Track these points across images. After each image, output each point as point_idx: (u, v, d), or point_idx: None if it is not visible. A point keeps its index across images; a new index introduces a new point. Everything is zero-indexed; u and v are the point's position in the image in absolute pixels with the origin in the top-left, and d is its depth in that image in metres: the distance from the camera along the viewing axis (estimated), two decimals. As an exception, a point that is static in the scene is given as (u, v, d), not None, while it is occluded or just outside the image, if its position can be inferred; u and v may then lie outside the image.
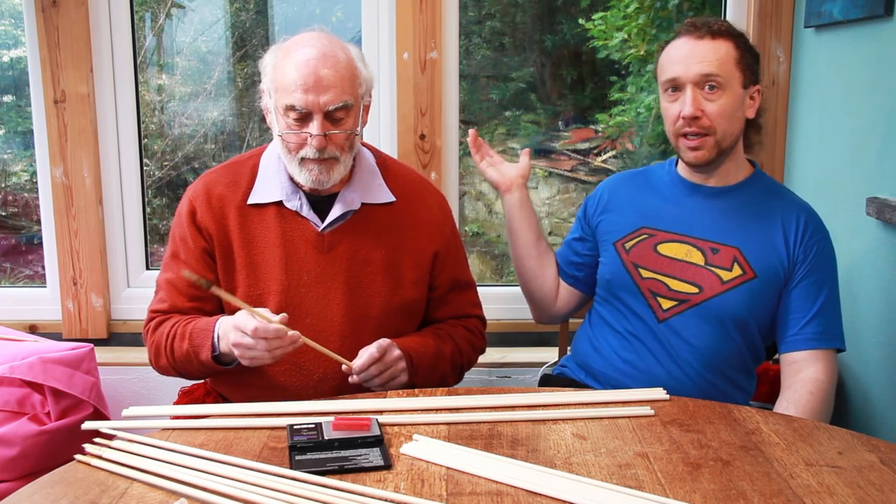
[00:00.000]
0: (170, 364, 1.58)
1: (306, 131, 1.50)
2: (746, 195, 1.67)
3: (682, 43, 1.61)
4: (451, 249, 1.70)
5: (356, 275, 1.60)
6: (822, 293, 1.61)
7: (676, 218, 1.68)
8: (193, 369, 1.56)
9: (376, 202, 1.63)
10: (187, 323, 1.55)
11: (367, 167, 1.66)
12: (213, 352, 1.49)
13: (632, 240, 1.70)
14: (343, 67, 1.51)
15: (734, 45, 1.60)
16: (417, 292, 1.65)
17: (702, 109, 1.58)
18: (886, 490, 1.11)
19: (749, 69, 1.61)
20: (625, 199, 1.76)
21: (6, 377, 1.93)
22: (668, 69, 1.62)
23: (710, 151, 1.61)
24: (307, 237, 1.59)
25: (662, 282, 1.64)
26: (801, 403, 1.53)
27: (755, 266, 1.61)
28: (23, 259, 2.66)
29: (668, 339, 1.63)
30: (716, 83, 1.57)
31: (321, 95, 1.48)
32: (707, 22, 1.62)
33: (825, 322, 1.60)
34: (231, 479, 1.11)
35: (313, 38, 1.54)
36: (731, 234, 1.64)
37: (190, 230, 1.60)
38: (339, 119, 1.52)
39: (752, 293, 1.60)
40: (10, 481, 1.88)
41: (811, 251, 1.62)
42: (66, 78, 2.26)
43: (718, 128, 1.59)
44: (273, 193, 1.60)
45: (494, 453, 1.21)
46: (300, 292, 1.58)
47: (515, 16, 2.70)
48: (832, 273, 1.64)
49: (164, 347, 1.57)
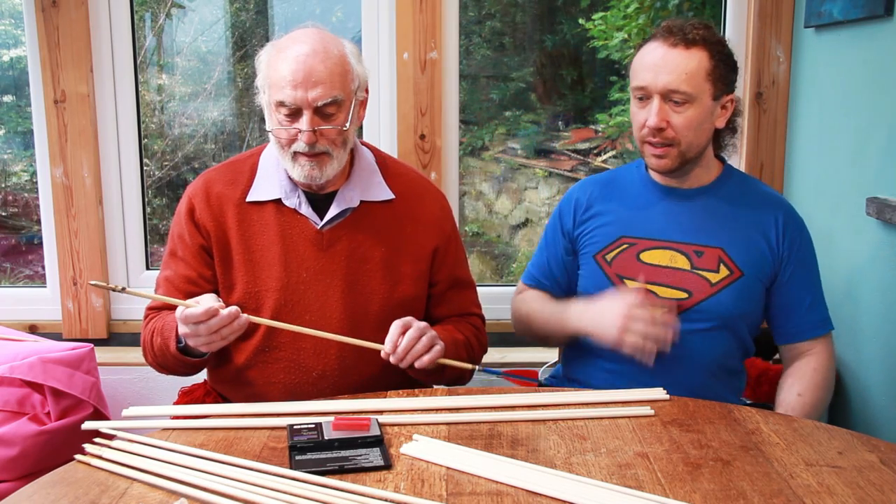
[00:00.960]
0: (153, 359, 1.60)
1: (296, 127, 1.51)
2: (722, 193, 1.66)
3: (654, 48, 1.57)
4: (450, 247, 1.70)
5: (355, 272, 1.60)
6: (813, 282, 1.66)
7: (655, 224, 1.66)
8: (170, 363, 1.57)
9: (375, 200, 1.63)
10: (163, 318, 1.57)
11: (367, 165, 1.66)
12: (179, 343, 1.51)
13: (612, 251, 1.67)
14: (334, 63, 1.51)
15: (708, 54, 1.55)
16: (417, 289, 1.65)
17: (667, 121, 1.55)
18: (886, 490, 1.11)
19: (721, 80, 1.57)
20: (599, 209, 1.71)
21: (6, 377, 1.93)
22: (638, 76, 1.58)
23: (673, 161, 1.59)
24: (306, 234, 1.59)
25: (651, 291, 1.62)
26: (806, 380, 1.62)
27: (740, 264, 1.61)
28: (23, 259, 2.66)
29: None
30: (683, 97, 1.54)
31: (310, 91, 1.48)
32: (683, 27, 1.56)
33: (821, 309, 1.67)
34: (231, 479, 1.11)
35: (306, 35, 1.54)
36: (712, 234, 1.63)
37: (188, 227, 1.60)
38: (330, 114, 1.52)
39: (740, 292, 1.60)
40: (10, 481, 1.88)
41: (795, 244, 1.64)
42: (66, 78, 2.26)
43: (683, 140, 1.57)
44: (272, 191, 1.60)
45: (494, 453, 1.21)
46: (299, 289, 1.58)
47: (515, 16, 2.70)
48: (815, 260, 1.68)
49: (148, 343, 1.59)
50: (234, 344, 1.62)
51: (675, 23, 1.58)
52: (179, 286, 1.59)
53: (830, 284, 2.08)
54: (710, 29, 1.58)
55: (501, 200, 2.88)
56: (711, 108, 1.58)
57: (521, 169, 2.85)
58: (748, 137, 2.33)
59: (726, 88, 1.59)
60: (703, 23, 1.59)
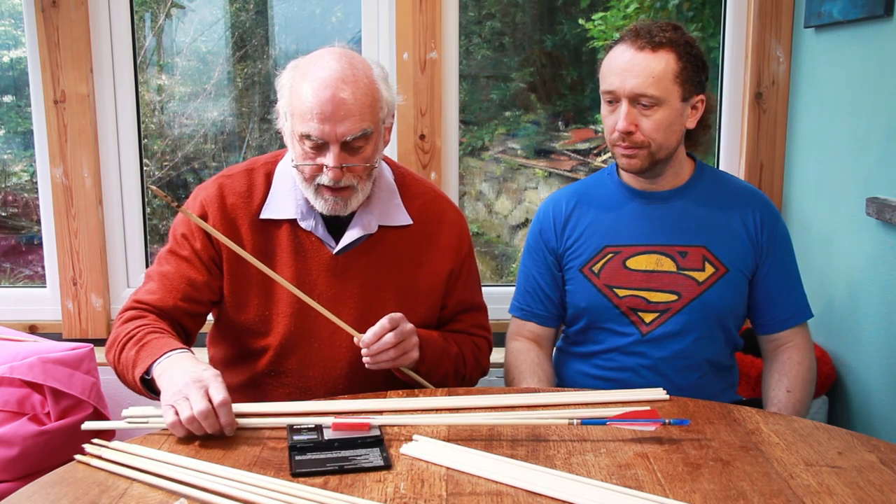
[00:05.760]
0: (114, 361, 1.46)
1: (322, 161, 1.43)
2: (697, 192, 1.67)
3: (622, 52, 1.56)
4: (464, 269, 1.65)
5: (368, 300, 1.55)
6: (792, 272, 1.69)
7: (637, 229, 1.65)
8: (129, 382, 1.43)
9: (393, 225, 1.57)
10: (151, 332, 1.42)
11: (386, 185, 1.59)
12: (148, 373, 1.35)
13: (598, 262, 1.66)
14: (363, 93, 1.42)
15: (676, 56, 1.54)
16: (429, 317, 1.61)
17: (636, 125, 1.55)
18: (886, 490, 1.11)
19: (690, 81, 1.56)
20: (577, 221, 1.70)
21: (6, 377, 1.93)
22: (606, 80, 1.58)
23: (643, 161, 1.59)
24: (321, 259, 1.53)
25: (640, 297, 1.63)
26: (792, 375, 1.65)
27: (724, 260, 1.62)
28: (23, 259, 2.66)
29: (649, 352, 1.63)
30: (651, 101, 1.54)
31: (338, 125, 1.40)
32: (650, 30, 1.55)
33: (799, 299, 1.69)
34: (230, 480, 1.11)
35: (332, 59, 1.43)
36: (693, 233, 1.64)
37: (200, 235, 1.52)
38: (358, 148, 1.44)
39: (727, 288, 1.62)
40: (10, 481, 1.88)
41: (773, 235, 1.66)
42: (66, 78, 2.26)
43: (653, 142, 1.57)
44: (287, 209, 1.53)
45: (494, 453, 1.21)
46: (310, 316, 1.50)
47: (515, 16, 2.69)
48: (792, 249, 1.70)
49: (117, 343, 1.45)
50: (240, 364, 1.60)
51: (643, 25, 1.57)
52: (178, 286, 1.52)
53: (830, 284, 2.08)
54: (679, 30, 1.57)
55: (501, 200, 2.87)
56: (681, 109, 1.58)
57: (521, 169, 2.85)
58: (748, 137, 2.33)
59: (696, 89, 1.59)
60: (672, 24, 1.58)
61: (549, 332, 1.76)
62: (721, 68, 2.38)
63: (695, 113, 1.62)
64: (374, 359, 1.44)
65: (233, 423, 1.25)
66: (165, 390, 1.27)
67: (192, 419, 1.21)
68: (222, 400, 1.23)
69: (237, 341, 1.59)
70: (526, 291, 1.76)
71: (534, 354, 1.72)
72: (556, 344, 1.82)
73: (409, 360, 1.48)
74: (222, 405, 1.23)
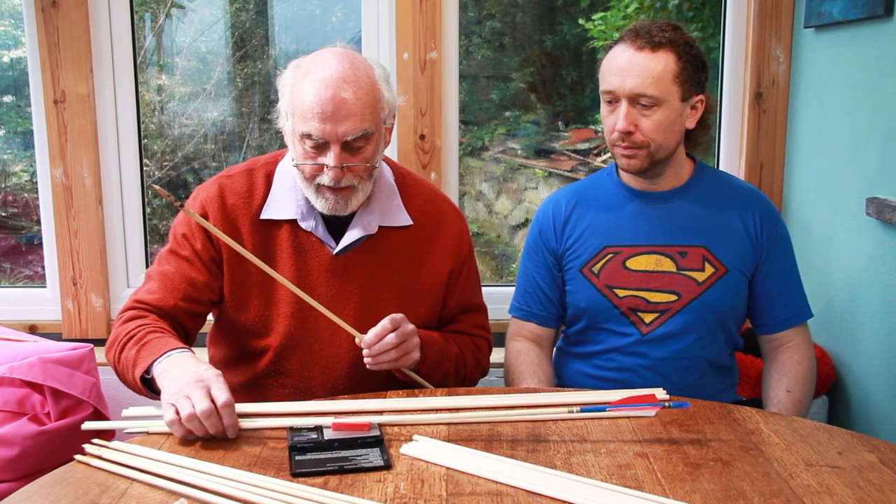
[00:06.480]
0: (114, 361, 1.46)
1: (322, 161, 1.43)
2: (697, 192, 1.67)
3: (622, 52, 1.56)
4: (464, 269, 1.65)
5: (368, 300, 1.55)
6: (792, 272, 1.69)
7: (636, 229, 1.65)
8: (129, 382, 1.43)
9: (393, 225, 1.58)
10: (152, 331, 1.42)
11: (386, 186, 1.59)
12: (148, 372, 1.35)
13: (598, 262, 1.66)
14: (364, 93, 1.42)
15: (675, 56, 1.54)
16: (430, 318, 1.61)
17: (635, 125, 1.56)
18: (886, 490, 1.11)
19: (690, 82, 1.56)
20: (577, 221, 1.70)
21: (6, 377, 1.93)
22: (606, 80, 1.58)
23: (642, 161, 1.59)
24: (321, 260, 1.54)
25: (640, 297, 1.63)
26: (792, 375, 1.65)
27: (724, 261, 1.63)
28: (23, 259, 2.66)
29: (649, 353, 1.64)
30: (651, 101, 1.54)
31: (339, 125, 1.40)
32: (650, 30, 1.55)
33: (799, 298, 1.69)
34: (230, 480, 1.11)
35: (334, 58, 1.44)
36: (693, 234, 1.64)
37: (200, 235, 1.53)
38: (359, 148, 1.44)
39: (727, 288, 1.62)
40: (10, 481, 1.87)
41: (773, 235, 1.66)
42: (66, 78, 2.26)
43: (653, 142, 1.57)
44: (287, 210, 1.53)
45: (494, 453, 1.21)
46: (310, 317, 1.52)
47: (515, 16, 2.70)
48: (792, 249, 1.70)
49: (117, 342, 1.45)
50: (240, 364, 1.60)
51: (643, 25, 1.57)
52: (178, 286, 1.52)
53: (830, 284, 2.08)
54: (679, 30, 1.57)
55: (501, 200, 2.87)
56: (680, 109, 1.58)
57: (521, 169, 2.85)
58: (748, 137, 2.33)
59: (695, 89, 1.59)
60: (672, 24, 1.58)
61: (549, 332, 1.76)
62: (721, 68, 2.39)
63: (694, 113, 1.62)
64: (375, 359, 1.44)
65: (236, 424, 1.25)
66: (166, 389, 1.27)
67: (193, 417, 1.21)
68: (225, 401, 1.23)
69: (237, 341, 1.60)
70: (526, 292, 1.76)
71: (534, 355, 1.72)
72: (555, 344, 1.82)
73: (411, 361, 1.49)
74: (225, 406, 1.22)
